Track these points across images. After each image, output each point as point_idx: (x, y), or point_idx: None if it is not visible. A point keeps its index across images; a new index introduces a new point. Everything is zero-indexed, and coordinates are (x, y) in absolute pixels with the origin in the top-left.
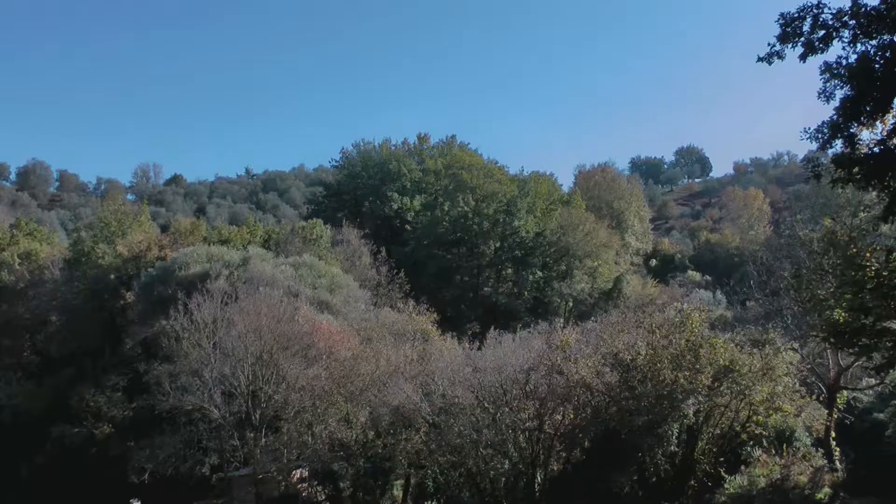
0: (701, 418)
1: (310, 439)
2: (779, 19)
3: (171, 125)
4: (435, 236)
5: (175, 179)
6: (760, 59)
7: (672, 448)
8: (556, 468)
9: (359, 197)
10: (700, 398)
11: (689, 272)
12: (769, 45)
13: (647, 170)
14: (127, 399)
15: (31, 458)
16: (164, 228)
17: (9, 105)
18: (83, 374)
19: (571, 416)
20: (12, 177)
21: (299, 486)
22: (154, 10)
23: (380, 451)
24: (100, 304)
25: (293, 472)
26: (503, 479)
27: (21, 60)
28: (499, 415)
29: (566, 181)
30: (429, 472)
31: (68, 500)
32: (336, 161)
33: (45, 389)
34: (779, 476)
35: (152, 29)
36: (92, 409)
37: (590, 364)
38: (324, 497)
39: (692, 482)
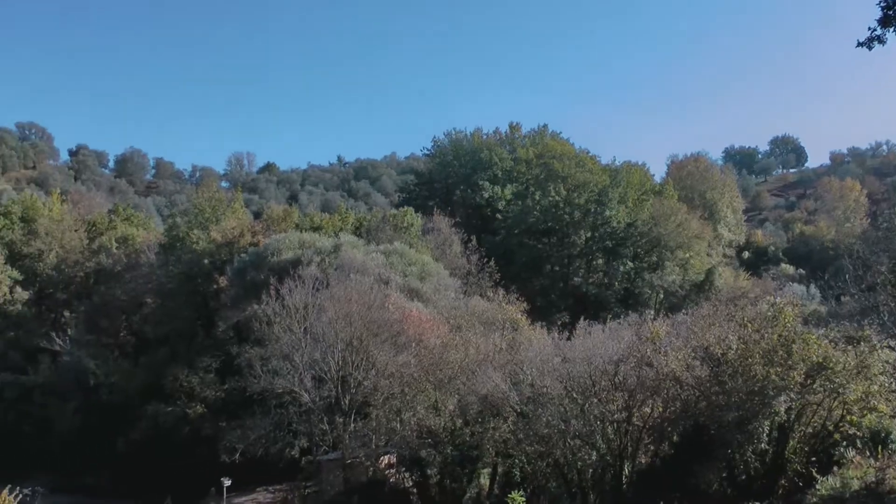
0: (792, 416)
1: (398, 426)
2: (880, 1)
3: (265, 114)
4: (526, 225)
5: (268, 167)
6: (860, 45)
7: (762, 446)
8: (643, 461)
9: (450, 185)
10: (792, 395)
11: (783, 265)
12: (870, 29)
13: (740, 159)
14: (219, 380)
15: (127, 435)
16: (257, 215)
17: (109, 96)
18: (177, 356)
19: (660, 409)
20: (111, 164)
21: (387, 471)
22: (249, 2)
23: (467, 439)
24: (193, 288)
25: (381, 458)
26: (590, 470)
27: (121, 53)
28: (587, 406)
29: (658, 171)
30: (516, 461)
31: (161, 476)
32: (428, 149)
33: (140, 369)
34: (873, 479)
35: (248, 20)
36: (185, 389)
37: (680, 357)
38: (411, 483)
39: (782, 482)
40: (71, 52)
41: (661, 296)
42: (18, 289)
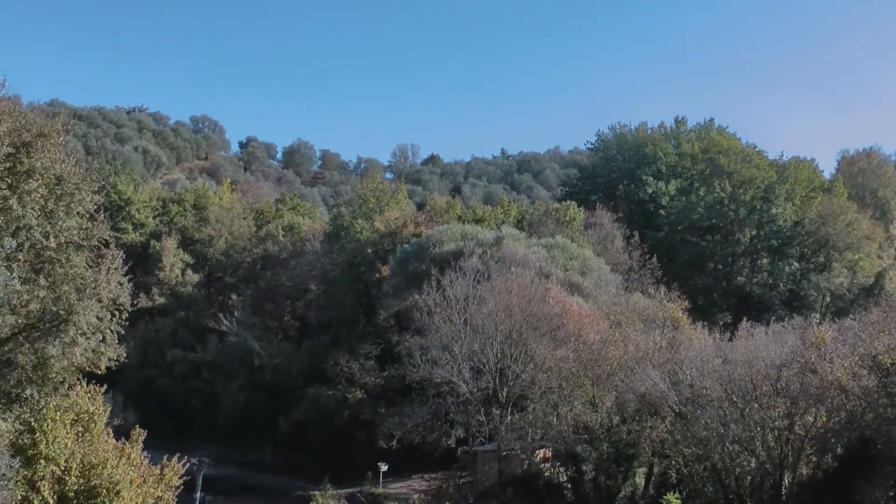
0: None
1: (555, 420)
2: None
3: (430, 107)
4: (689, 222)
5: (432, 159)
6: None
7: None
8: (804, 473)
9: (613, 180)
10: None
11: None
12: None
13: None
14: (379, 367)
15: (289, 415)
16: (420, 206)
17: (276, 90)
18: (338, 341)
19: (823, 418)
20: (279, 156)
21: (542, 465)
22: None
23: (624, 436)
24: (356, 276)
25: (536, 452)
26: (749, 477)
27: (289, 51)
28: (747, 410)
29: (827, 167)
30: (672, 462)
31: (320, 456)
32: (591, 143)
33: (303, 352)
34: None
35: (412, 14)
36: (346, 374)
37: (846, 365)
38: (565, 478)
39: None
40: (243, 49)
41: (828, 299)
42: (190, 272)
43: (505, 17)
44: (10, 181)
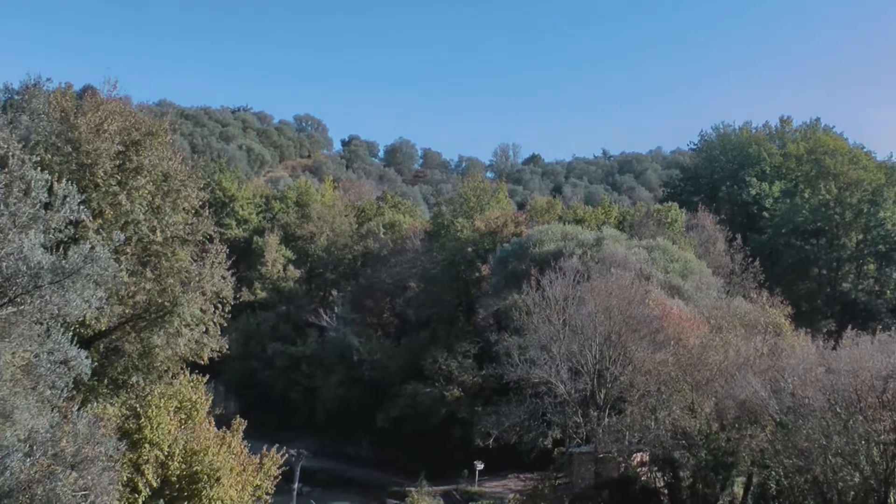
0: None
1: (652, 424)
2: None
3: (531, 106)
4: (793, 225)
5: (533, 159)
6: None
7: None
8: None
9: (715, 181)
10: None
11: None
12: None
13: None
14: (477, 366)
15: (387, 410)
16: (521, 206)
17: (379, 89)
18: (437, 339)
19: None
20: (380, 154)
21: (638, 469)
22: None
23: (723, 444)
24: (456, 275)
25: (633, 455)
26: (852, 493)
27: (391, 50)
28: (851, 422)
29: None
30: (772, 473)
31: (416, 452)
32: (694, 144)
33: (401, 349)
34: None
35: (511, 12)
36: (444, 372)
37: None
38: (662, 484)
39: None
40: (346, 49)
41: None
42: (291, 267)
43: (608, 16)
44: (119, 178)
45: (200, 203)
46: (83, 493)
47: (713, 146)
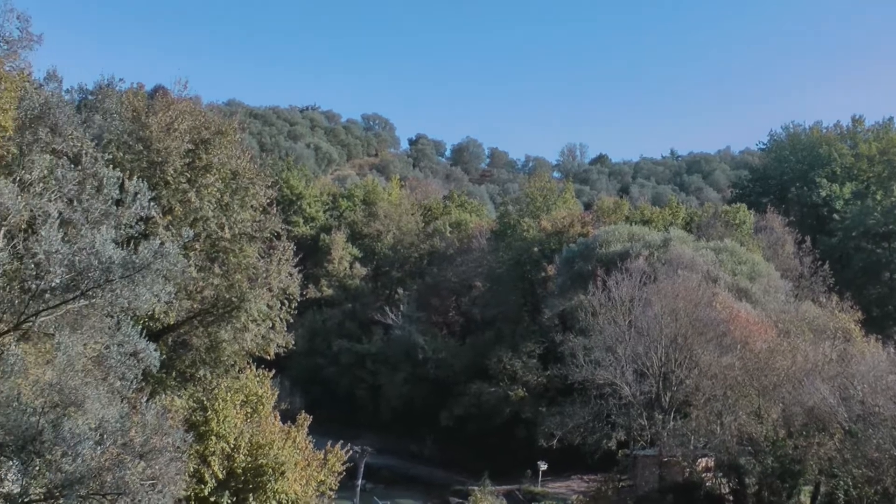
0: None
1: (718, 429)
2: None
3: (598, 106)
4: (864, 227)
5: (600, 159)
6: None
7: None
8: None
9: (784, 182)
10: None
11: None
12: None
13: None
14: (541, 366)
15: (451, 409)
16: (587, 206)
17: (446, 88)
18: (502, 339)
19: None
20: (447, 153)
21: (703, 474)
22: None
23: (790, 451)
24: (521, 275)
25: (698, 460)
26: None
27: (455, 49)
28: None
29: None
30: (840, 483)
31: (479, 451)
32: (763, 144)
33: (466, 348)
34: None
35: (577, 11)
36: (508, 371)
37: None
38: (727, 490)
39: None
40: (413, 49)
41: None
42: (357, 265)
43: (678, 13)
44: (189, 175)
45: (268, 201)
46: (151, 481)
47: (783, 146)
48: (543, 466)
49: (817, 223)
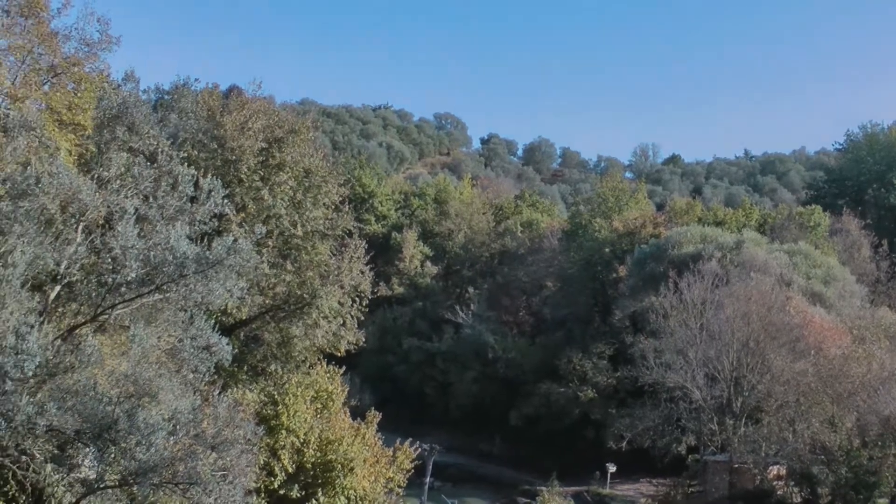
0: None
1: (790, 436)
2: None
3: (671, 106)
4: None
5: (673, 159)
6: None
7: None
8: None
9: (862, 183)
10: None
11: None
12: None
13: None
14: (611, 367)
15: (520, 409)
16: (660, 207)
17: (518, 88)
18: (572, 339)
19: None
20: (519, 153)
21: (774, 483)
22: None
23: (865, 462)
24: (593, 275)
25: (770, 468)
26: None
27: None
28: None
29: None
30: None
31: (548, 451)
32: (839, 144)
33: (536, 348)
34: None
35: (649, 10)
36: (578, 372)
37: None
38: (799, 500)
39: None
40: (486, 48)
41: None
42: (428, 264)
43: (751, 11)
44: (262, 173)
45: (340, 199)
46: (222, 472)
47: (860, 146)
48: (612, 468)
49: (895, 226)
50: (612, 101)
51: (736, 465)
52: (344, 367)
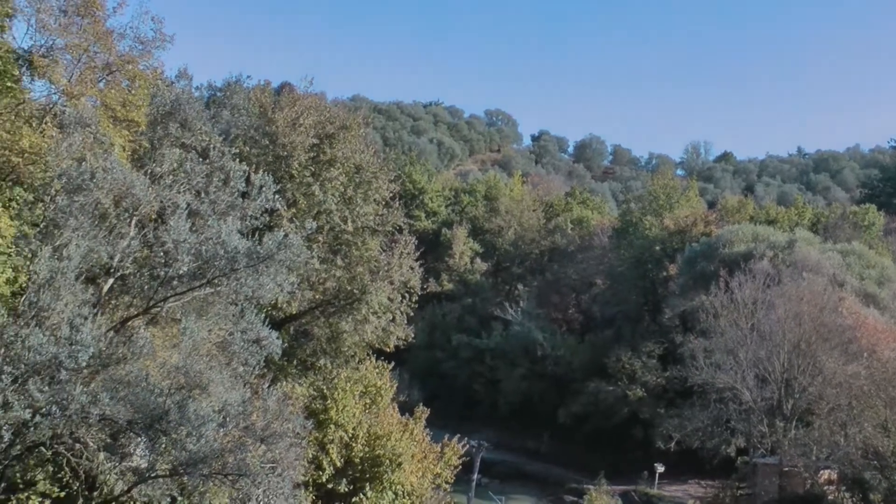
0: None
1: (842, 440)
2: None
3: (723, 104)
4: None
5: (724, 157)
6: None
7: None
8: None
9: None
10: None
11: None
12: None
13: None
14: (660, 367)
15: (568, 407)
16: (711, 205)
17: (569, 85)
18: (621, 337)
19: None
20: (570, 150)
21: (825, 487)
22: None
23: None
24: (643, 273)
25: (821, 472)
26: None
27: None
28: None
29: None
30: None
31: (595, 450)
32: (895, 142)
33: (585, 346)
34: None
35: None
36: (626, 371)
37: None
38: None
39: None
40: (537, 45)
41: None
42: (478, 260)
43: (804, 8)
44: (313, 169)
45: (391, 195)
46: (271, 465)
47: None
48: (660, 468)
49: None
50: (663, 98)
51: (786, 469)
52: (393, 363)
